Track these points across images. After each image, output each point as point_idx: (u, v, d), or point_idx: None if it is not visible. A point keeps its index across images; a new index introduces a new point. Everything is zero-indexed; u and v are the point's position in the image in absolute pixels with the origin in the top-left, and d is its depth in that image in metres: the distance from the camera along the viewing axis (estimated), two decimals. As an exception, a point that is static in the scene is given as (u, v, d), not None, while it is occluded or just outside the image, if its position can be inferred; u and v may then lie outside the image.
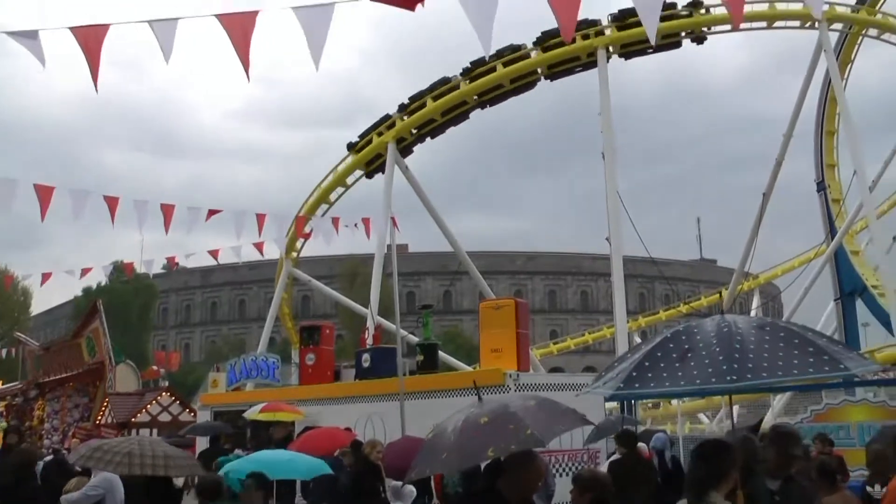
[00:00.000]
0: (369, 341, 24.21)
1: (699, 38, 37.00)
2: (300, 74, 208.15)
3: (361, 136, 40.93)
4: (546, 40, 36.49)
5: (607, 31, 35.65)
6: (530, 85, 38.33)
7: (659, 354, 5.56)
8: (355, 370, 20.18)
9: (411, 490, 11.47)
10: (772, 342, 5.42)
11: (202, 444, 20.56)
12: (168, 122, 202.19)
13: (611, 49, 35.78)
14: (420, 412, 14.89)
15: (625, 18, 34.77)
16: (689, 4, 35.84)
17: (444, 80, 38.73)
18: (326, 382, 20.72)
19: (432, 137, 40.47)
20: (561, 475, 14.03)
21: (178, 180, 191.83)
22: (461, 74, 38.27)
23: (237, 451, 17.19)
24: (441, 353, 24.63)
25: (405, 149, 39.98)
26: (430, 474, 5.99)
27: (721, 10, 34.63)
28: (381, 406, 16.60)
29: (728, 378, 5.15)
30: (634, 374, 5.49)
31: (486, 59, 35.32)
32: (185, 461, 7.87)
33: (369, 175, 41.36)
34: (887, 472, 9.73)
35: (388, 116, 39.76)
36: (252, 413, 18.10)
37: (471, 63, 37.58)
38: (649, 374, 5.44)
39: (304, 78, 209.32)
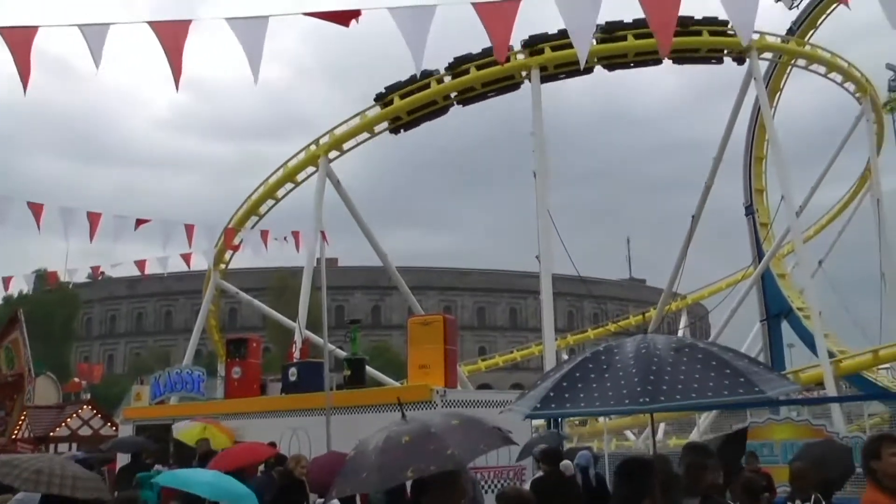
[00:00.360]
0: (297, 355, 24.07)
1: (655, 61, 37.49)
2: (232, 85, 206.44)
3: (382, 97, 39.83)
4: (458, 66, 36.83)
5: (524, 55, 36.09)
6: (473, 99, 38.38)
7: (578, 374, 5.58)
8: (282, 384, 20.03)
9: (335, 506, 11.39)
10: (689, 364, 5.46)
11: (123, 459, 20.19)
12: (96, 128, 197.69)
13: (543, 70, 36.07)
14: (347, 427, 14.81)
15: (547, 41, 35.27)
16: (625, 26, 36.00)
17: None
18: (252, 396, 20.53)
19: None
20: (488, 492, 14.02)
21: (105, 188, 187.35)
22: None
23: (157, 467, 16.97)
24: (369, 369, 24.54)
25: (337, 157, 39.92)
26: (350, 493, 5.93)
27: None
28: (307, 421, 16.48)
29: (641, 400, 5.19)
30: (552, 393, 5.51)
31: (438, 71, 35.47)
32: (92, 483, 7.74)
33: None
34: (808, 489, 10.01)
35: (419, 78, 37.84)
36: (184, 429, 17.86)
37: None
38: (566, 395, 5.46)
39: (236, 89, 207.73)
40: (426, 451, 5.23)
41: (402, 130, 39.28)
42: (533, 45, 35.79)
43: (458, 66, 36.84)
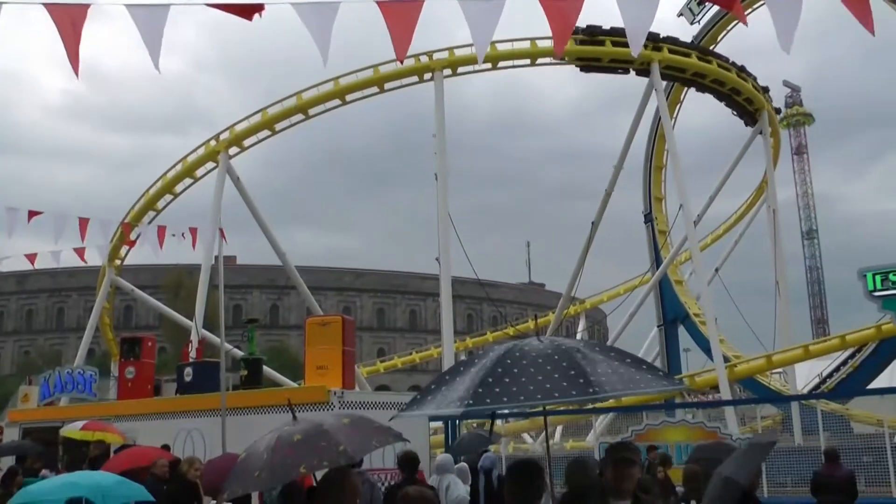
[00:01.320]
0: (192, 355, 23.68)
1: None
2: (129, 75, 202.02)
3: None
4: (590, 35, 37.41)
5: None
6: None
7: (500, 370, 5.57)
8: (177, 385, 19.68)
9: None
10: (605, 360, 5.57)
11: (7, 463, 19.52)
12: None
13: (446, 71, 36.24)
14: (242, 429, 14.57)
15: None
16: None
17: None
18: (146, 397, 20.12)
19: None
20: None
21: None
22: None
23: (44, 472, 16.47)
24: (266, 369, 24.28)
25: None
26: (242, 493, 5.88)
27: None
28: (202, 422, 16.20)
29: (572, 392, 5.22)
30: (480, 390, 5.47)
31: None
32: None
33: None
34: (701, 490, 10.16)
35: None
36: (71, 429, 17.39)
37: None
38: (496, 389, 5.45)
39: (133, 79, 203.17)
40: (317, 448, 5.35)
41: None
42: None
43: (590, 34, 36.94)
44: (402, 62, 33.41)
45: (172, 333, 65.17)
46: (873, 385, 42.09)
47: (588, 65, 39.01)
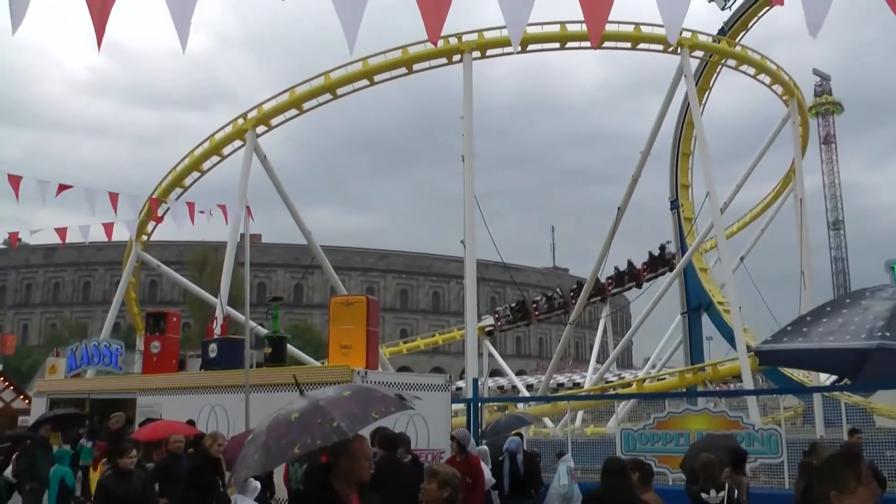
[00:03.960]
0: (217, 331, 23.78)
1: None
2: (154, 52, 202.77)
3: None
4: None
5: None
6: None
7: (819, 311, 5.31)
8: (201, 360, 19.80)
9: (256, 485, 11.23)
10: None
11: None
12: (6, 87, 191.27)
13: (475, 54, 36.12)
14: (266, 405, 14.64)
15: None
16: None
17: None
18: (171, 372, 20.26)
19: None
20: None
21: (14, 152, 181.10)
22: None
23: (83, 442, 16.77)
24: (289, 347, 24.34)
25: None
26: (245, 477, 5.89)
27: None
28: (226, 398, 16.31)
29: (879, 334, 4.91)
30: (789, 328, 5.22)
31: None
32: None
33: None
34: (717, 478, 10.29)
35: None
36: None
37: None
38: (803, 328, 5.20)
39: (158, 56, 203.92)
40: (312, 426, 5.22)
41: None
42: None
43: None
44: (435, 44, 33.34)
45: (197, 309, 65.64)
46: (898, 378, 41.87)
47: (616, 48, 38.92)
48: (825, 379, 41.78)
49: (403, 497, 10.03)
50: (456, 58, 36.18)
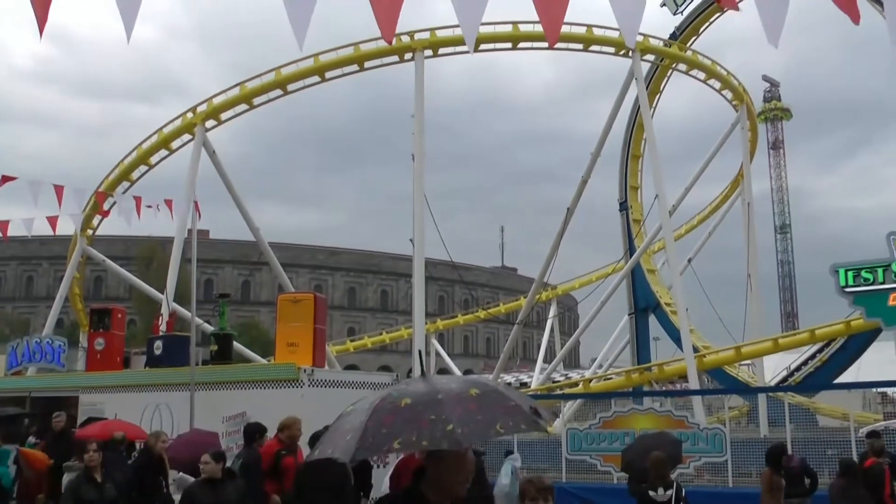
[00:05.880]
0: (163, 328, 23.55)
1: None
2: (100, 41, 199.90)
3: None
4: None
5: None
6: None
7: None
8: (146, 358, 19.57)
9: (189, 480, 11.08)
10: None
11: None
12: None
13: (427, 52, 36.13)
14: (211, 404, 14.54)
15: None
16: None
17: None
18: (115, 369, 20.01)
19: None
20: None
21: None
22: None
23: (31, 440, 16.55)
24: (236, 345, 24.18)
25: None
26: (330, 455, 4.38)
27: (540, 27, 35.35)
28: (171, 396, 16.13)
29: None
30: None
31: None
32: None
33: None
34: (667, 477, 10.38)
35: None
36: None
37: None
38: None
39: (105, 45, 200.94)
40: (421, 422, 4.33)
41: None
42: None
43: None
44: (390, 43, 33.30)
45: (143, 306, 64.83)
46: (840, 380, 42.50)
47: (568, 49, 39.13)
48: (770, 379, 42.48)
49: (330, 498, 9.98)
50: (408, 56, 36.18)
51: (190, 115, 38.91)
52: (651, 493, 10.32)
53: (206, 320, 34.82)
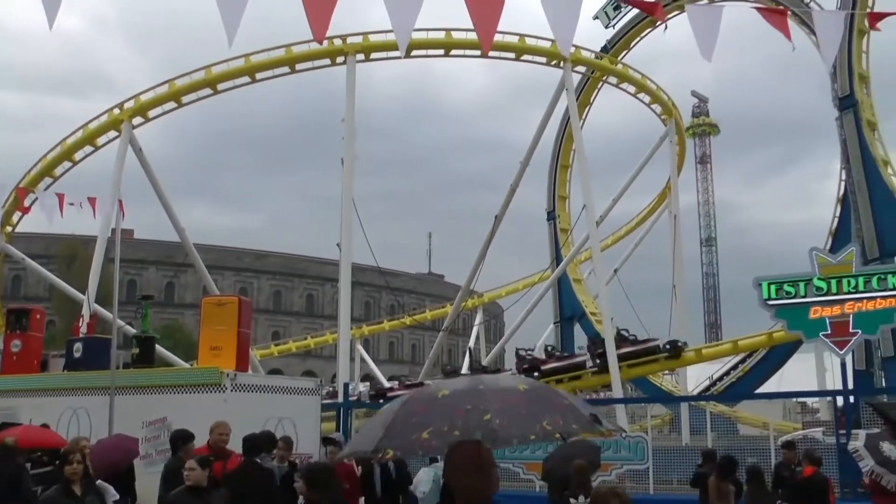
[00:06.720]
0: (83, 330, 23.08)
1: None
2: (23, 28, 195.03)
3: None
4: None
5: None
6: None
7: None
8: (65, 360, 19.15)
9: (112, 492, 10.83)
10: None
11: None
12: None
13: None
14: (131, 409, 14.27)
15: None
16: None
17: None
18: (32, 372, 19.52)
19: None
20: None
21: None
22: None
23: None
24: (158, 348, 23.84)
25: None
26: (365, 449, 4.16)
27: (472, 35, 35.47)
28: (90, 401, 15.75)
29: None
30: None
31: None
32: None
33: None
34: (588, 484, 10.43)
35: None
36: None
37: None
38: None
39: (28, 35, 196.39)
40: (457, 411, 4.00)
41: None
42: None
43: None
44: (321, 43, 33.21)
45: (63, 306, 63.60)
46: (762, 390, 43.27)
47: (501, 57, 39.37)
48: (693, 388, 43.04)
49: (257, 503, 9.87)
50: (340, 59, 36.13)
51: (117, 111, 38.45)
52: (572, 500, 10.34)
53: (129, 322, 34.32)
